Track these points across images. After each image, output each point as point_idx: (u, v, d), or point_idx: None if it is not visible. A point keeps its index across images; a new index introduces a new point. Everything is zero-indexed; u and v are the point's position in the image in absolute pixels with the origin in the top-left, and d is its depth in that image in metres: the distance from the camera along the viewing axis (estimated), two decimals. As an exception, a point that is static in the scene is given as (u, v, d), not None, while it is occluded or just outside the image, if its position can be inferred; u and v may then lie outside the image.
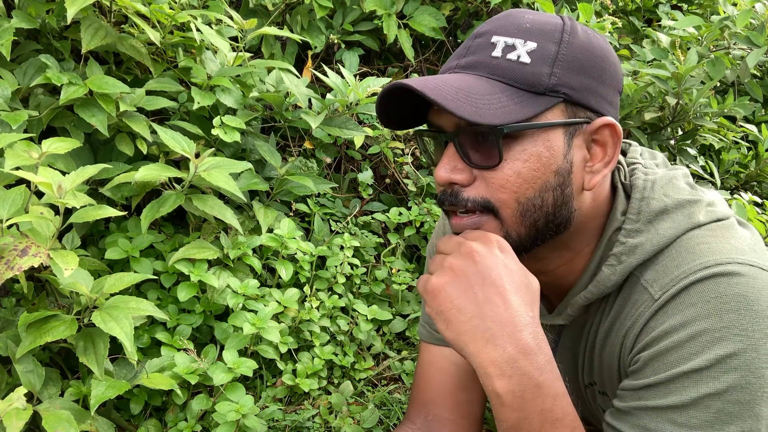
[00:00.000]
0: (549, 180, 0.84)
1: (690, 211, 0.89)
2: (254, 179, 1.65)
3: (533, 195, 0.84)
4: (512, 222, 0.85)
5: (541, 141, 0.83)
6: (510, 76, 0.83)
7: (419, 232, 1.96)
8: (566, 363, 1.06)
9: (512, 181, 0.83)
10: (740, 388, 0.76)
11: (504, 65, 0.83)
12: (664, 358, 0.81)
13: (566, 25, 0.85)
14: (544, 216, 0.85)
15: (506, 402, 0.77)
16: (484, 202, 0.85)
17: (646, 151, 1.02)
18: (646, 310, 0.85)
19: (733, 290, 0.78)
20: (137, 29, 1.59)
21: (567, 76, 0.83)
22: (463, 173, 0.85)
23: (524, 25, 0.85)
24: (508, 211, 0.85)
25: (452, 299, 0.79)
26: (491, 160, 0.83)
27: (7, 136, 1.21)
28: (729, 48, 2.23)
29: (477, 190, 0.85)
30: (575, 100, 0.84)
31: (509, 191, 0.83)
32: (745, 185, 2.57)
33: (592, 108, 0.85)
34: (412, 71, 2.40)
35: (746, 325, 0.77)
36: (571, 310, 0.96)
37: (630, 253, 0.88)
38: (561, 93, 0.82)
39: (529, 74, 0.82)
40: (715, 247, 0.83)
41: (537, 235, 0.87)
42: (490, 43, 0.85)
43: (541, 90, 0.82)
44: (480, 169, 0.84)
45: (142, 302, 1.23)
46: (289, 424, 1.44)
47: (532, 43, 0.83)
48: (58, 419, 1.10)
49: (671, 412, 0.79)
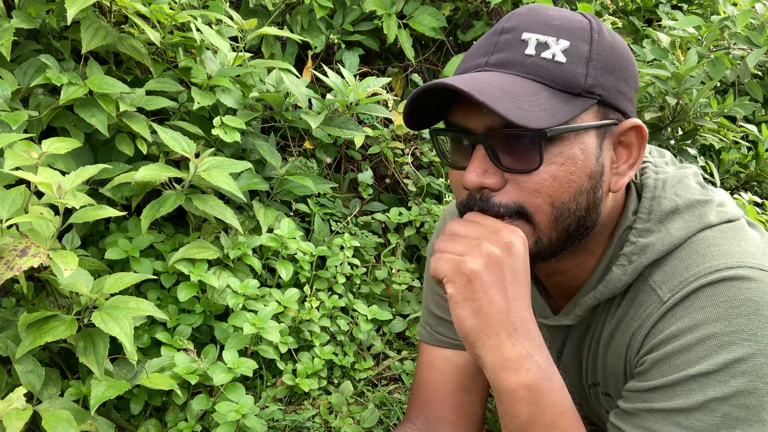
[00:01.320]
0: (583, 183, 0.82)
1: (701, 212, 0.88)
2: (254, 179, 1.65)
3: (568, 199, 0.82)
4: (546, 227, 0.83)
5: (577, 143, 0.81)
6: (546, 75, 0.80)
7: (419, 232, 1.96)
8: (570, 363, 1.06)
9: (548, 185, 0.80)
10: (747, 392, 0.76)
11: (540, 64, 0.80)
12: (671, 361, 0.80)
13: (593, 24, 0.84)
14: (576, 220, 0.84)
15: (521, 396, 0.77)
16: (518, 207, 0.82)
17: (654, 150, 1.02)
18: (654, 312, 0.84)
19: (743, 294, 0.78)
20: (137, 29, 1.59)
21: (601, 77, 0.81)
22: (494, 177, 0.81)
23: (553, 22, 0.82)
24: (542, 216, 0.82)
25: (487, 288, 0.76)
26: (529, 164, 0.80)
27: (7, 136, 1.21)
28: (729, 48, 2.23)
29: (509, 195, 0.82)
30: (607, 102, 0.82)
31: (544, 195, 0.81)
32: (745, 185, 2.57)
33: (620, 109, 0.84)
34: (412, 71, 2.40)
35: (755, 329, 0.76)
36: (580, 311, 0.95)
37: (641, 253, 0.87)
38: (596, 94, 0.81)
39: (565, 74, 0.80)
40: (726, 250, 0.83)
41: (567, 240, 0.85)
42: (521, 40, 0.81)
43: (577, 91, 0.80)
44: (514, 173, 0.81)
45: (142, 302, 1.23)
46: (289, 424, 1.44)
47: (564, 41, 0.80)
48: (58, 419, 1.10)
49: (677, 415, 0.79)
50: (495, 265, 0.77)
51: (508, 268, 0.78)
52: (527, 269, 0.80)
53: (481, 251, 0.77)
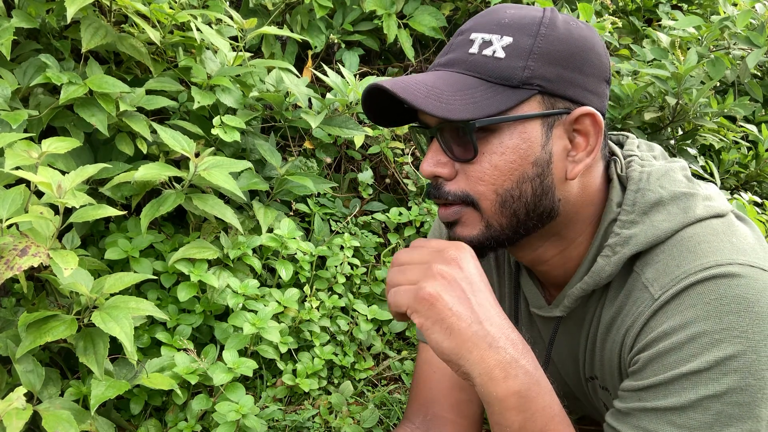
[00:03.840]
0: (527, 171, 0.85)
1: (686, 205, 0.88)
2: (254, 179, 1.65)
3: (511, 186, 0.86)
4: (492, 213, 0.87)
5: (518, 133, 0.84)
6: (484, 71, 0.85)
7: (419, 232, 1.96)
8: (564, 356, 1.06)
9: (489, 173, 0.85)
10: (740, 390, 0.76)
11: (480, 61, 0.85)
12: (663, 360, 0.81)
13: (545, 18, 0.87)
14: (523, 206, 0.87)
15: (511, 404, 0.77)
16: (464, 195, 0.87)
17: (643, 144, 1.02)
18: (646, 310, 0.85)
19: (733, 292, 0.78)
20: (137, 29, 1.59)
21: (542, 68, 0.84)
22: (446, 167, 0.88)
23: (503, 21, 0.87)
24: (487, 203, 0.87)
25: (451, 306, 0.77)
26: (468, 154, 0.85)
27: (7, 135, 1.21)
28: (729, 48, 2.23)
29: (458, 184, 0.88)
30: (551, 92, 0.85)
31: (487, 183, 0.86)
32: (745, 185, 2.57)
33: (571, 98, 0.86)
34: (412, 71, 2.40)
35: (746, 327, 0.77)
36: (568, 302, 0.96)
37: (624, 244, 0.88)
38: (535, 85, 0.84)
39: (503, 68, 0.84)
40: (716, 247, 0.83)
41: (519, 225, 0.89)
42: (469, 40, 0.87)
43: (515, 83, 0.84)
44: (460, 163, 0.87)
45: (142, 302, 1.23)
46: (289, 424, 1.44)
47: (508, 38, 0.85)
48: (58, 419, 1.10)
49: (671, 413, 0.79)
50: (451, 282, 0.79)
51: (464, 281, 0.79)
52: (483, 277, 0.82)
53: (433, 273, 0.79)
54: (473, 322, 0.77)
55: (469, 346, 0.76)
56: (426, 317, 0.77)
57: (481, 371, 0.76)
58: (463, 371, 0.78)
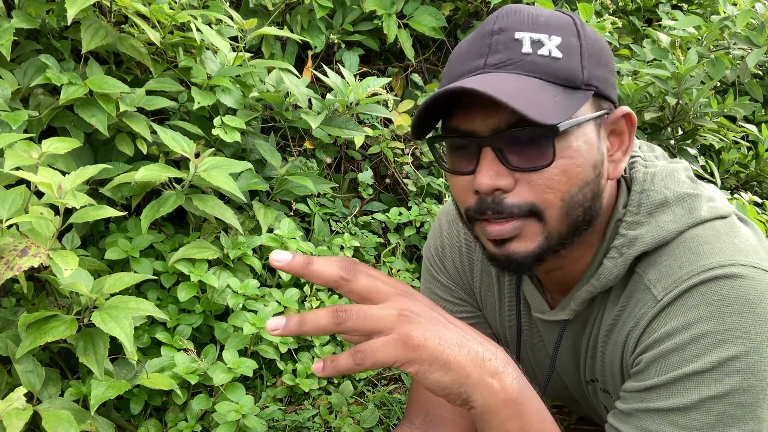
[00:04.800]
0: (589, 174, 0.82)
1: (691, 206, 0.88)
2: (254, 179, 1.65)
3: (577, 191, 0.82)
4: (556, 222, 0.82)
5: (581, 136, 0.81)
6: (547, 72, 0.80)
7: (419, 232, 1.96)
8: (565, 359, 1.06)
9: (558, 179, 0.80)
10: (742, 390, 0.76)
11: (539, 61, 0.80)
12: (665, 360, 0.81)
13: (576, 19, 0.85)
14: (584, 211, 0.84)
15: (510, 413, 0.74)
16: (530, 206, 0.81)
17: (644, 144, 1.02)
18: (649, 311, 0.85)
19: (735, 293, 0.78)
20: (137, 29, 1.59)
21: (594, 69, 0.82)
22: (506, 178, 0.80)
23: (540, 20, 0.83)
24: (553, 212, 0.81)
25: (438, 341, 0.70)
26: (541, 161, 0.79)
27: (7, 136, 1.21)
28: (729, 48, 2.23)
29: (521, 195, 0.81)
30: (601, 92, 0.83)
31: (555, 191, 0.80)
32: (745, 185, 2.57)
33: (611, 98, 0.86)
34: (412, 71, 2.40)
35: (748, 327, 0.77)
36: (575, 305, 0.95)
37: (630, 245, 0.88)
38: (593, 86, 0.82)
39: (564, 69, 0.80)
40: (719, 248, 0.83)
41: (575, 232, 0.85)
42: (515, 39, 0.81)
43: (577, 84, 0.80)
44: (525, 172, 0.80)
45: (142, 302, 1.23)
46: (289, 424, 1.44)
47: (556, 37, 0.81)
48: (58, 419, 1.10)
49: (673, 414, 0.79)
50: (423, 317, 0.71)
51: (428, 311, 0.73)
52: None
53: (404, 315, 0.69)
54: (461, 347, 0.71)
55: (469, 371, 0.71)
56: (420, 362, 0.69)
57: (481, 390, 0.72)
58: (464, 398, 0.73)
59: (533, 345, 1.09)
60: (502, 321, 1.11)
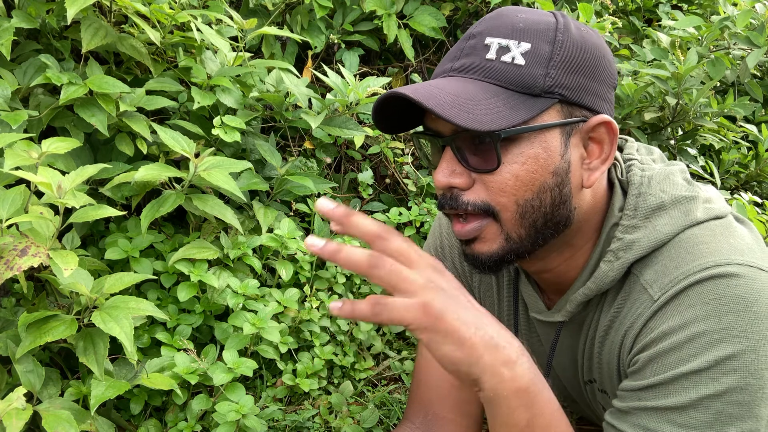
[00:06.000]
0: (546, 181, 0.84)
1: (687, 208, 0.89)
2: (254, 179, 1.65)
3: (531, 197, 0.84)
4: (512, 224, 0.85)
5: (538, 142, 0.83)
6: (505, 78, 0.82)
7: (419, 232, 1.96)
8: (563, 360, 1.06)
9: (510, 184, 0.83)
10: (740, 389, 0.77)
11: (499, 68, 0.83)
12: (663, 360, 0.81)
13: (559, 24, 0.85)
14: (542, 216, 0.86)
15: (520, 402, 0.74)
16: (484, 206, 0.85)
17: (642, 147, 1.02)
18: (646, 311, 0.85)
19: (732, 292, 0.79)
20: (137, 29, 1.59)
21: (562, 77, 0.82)
22: (461, 177, 0.85)
23: (518, 25, 0.84)
24: (508, 214, 0.85)
25: (458, 316, 0.71)
26: (489, 164, 0.83)
27: (7, 136, 1.21)
28: (729, 48, 2.23)
29: (477, 194, 0.85)
30: (571, 100, 0.84)
31: (508, 194, 0.83)
32: (745, 185, 2.57)
33: (587, 106, 0.86)
34: (412, 71, 2.40)
35: (745, 326, 0.77)
36: (570, 307, 0.96)
37: (627, 249, 0.88)
38: (556, 94, 0.82)
39: (524, 76, 0.82)
40: (715, 248, 0.83)
41: (537, 236, 0.87)
42: (484, 44, 0.85)
43: (536, 92, 0.82)
44: (478, 173, 0.84)
45: (142, 302, 1.23)
46: (289, 424, 1.44)
47: (526, 44, 0.83)
48: (58, 419, 1.10)
49: (671, 412, 0.80)
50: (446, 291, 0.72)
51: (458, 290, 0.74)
52: None
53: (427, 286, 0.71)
54: (477, 327, 0.73)
55: (481, 351, 0.72)
56: (435, 331, 0.71)
57: (492, 374, 0.73)
58: (473, 378, 0.74)
59: (532, 345, 1.10)
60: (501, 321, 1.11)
